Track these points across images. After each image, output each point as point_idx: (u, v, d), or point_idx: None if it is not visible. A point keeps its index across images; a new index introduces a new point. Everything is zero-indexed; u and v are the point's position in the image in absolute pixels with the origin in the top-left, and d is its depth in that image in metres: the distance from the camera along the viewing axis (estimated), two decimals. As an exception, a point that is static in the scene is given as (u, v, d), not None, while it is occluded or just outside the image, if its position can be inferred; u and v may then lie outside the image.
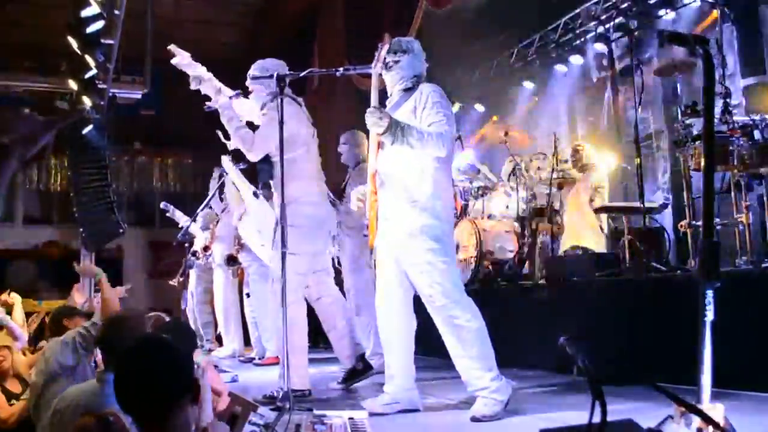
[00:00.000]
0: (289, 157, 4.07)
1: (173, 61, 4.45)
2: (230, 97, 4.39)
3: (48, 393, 3.21)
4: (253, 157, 4.24)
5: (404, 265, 3.50)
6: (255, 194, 4.46)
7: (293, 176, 4.17)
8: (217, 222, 7.39)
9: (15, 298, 5.27)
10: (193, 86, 4.45)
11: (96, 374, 2.82)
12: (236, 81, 4.54)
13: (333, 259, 5.17)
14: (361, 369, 4.51)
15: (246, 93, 4.47)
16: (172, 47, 4.45)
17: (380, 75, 3.61)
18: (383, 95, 3.67)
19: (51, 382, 3.27)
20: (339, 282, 5.03)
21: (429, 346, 4.25)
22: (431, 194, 3.45)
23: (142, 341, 2.14)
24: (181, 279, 7.94)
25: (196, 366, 2.16)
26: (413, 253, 3.44)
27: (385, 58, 3.60)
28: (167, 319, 3.37)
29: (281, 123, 3.80)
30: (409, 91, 3.63)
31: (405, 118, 3.46)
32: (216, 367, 5.87)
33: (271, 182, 4.42)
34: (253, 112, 4.50)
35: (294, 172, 4.19)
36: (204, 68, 4.46)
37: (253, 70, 4.41)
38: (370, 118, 3.31)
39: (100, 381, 2.77)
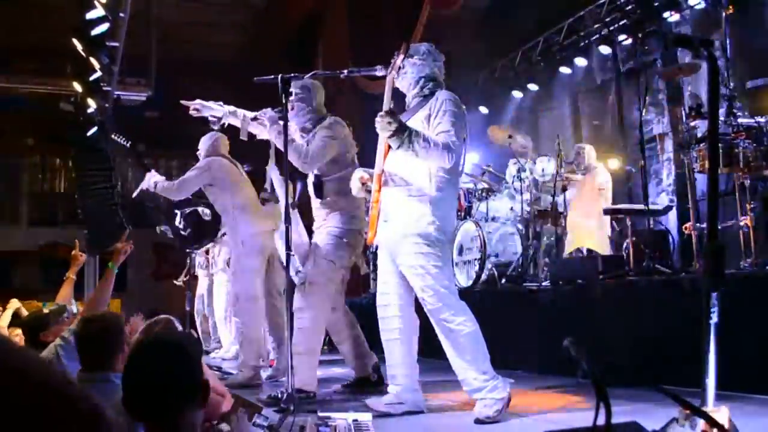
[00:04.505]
0: (342, 174, 4.29)
1: (192, 113, 4.72)
2: (252, 118, 4.56)
3: None
4: (307, 169, 4.35)
5: (400, 267, 3.51)
6: (292, 205, 4.53)
7: (345, 191, 4.21)
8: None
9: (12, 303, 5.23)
10: (214, 126, 4.73)
11: (77, 375, 2.79)
12: (239, 83, 4.57)
13: None
14: (375, 381, 4.49)
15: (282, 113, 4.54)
16: (183, 102, 4.73)
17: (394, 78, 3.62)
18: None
19: None
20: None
21: (432, 348, 4.25)
22: (435, 200, 3.45)
23: (153, 342, 2.14)
24: (185, 278, 7.97)
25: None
26: (407, 256, 3.45)
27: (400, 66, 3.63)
28: (179, 326, 3.34)
29: (285, 125, 3.84)
30: (427, 97, 3.61)
31: (418, 125, 3.46)
32: (219, 369, 5.89)
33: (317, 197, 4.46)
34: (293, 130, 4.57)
35: (345, 188, 4.23)
36: (216, 104, 4.67)
37: (293, 88, 4.48)
38: (380, 122, 3.31)
39: (81, 381, 2.65)
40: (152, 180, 5.35)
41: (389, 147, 3.52)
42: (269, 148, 4.64)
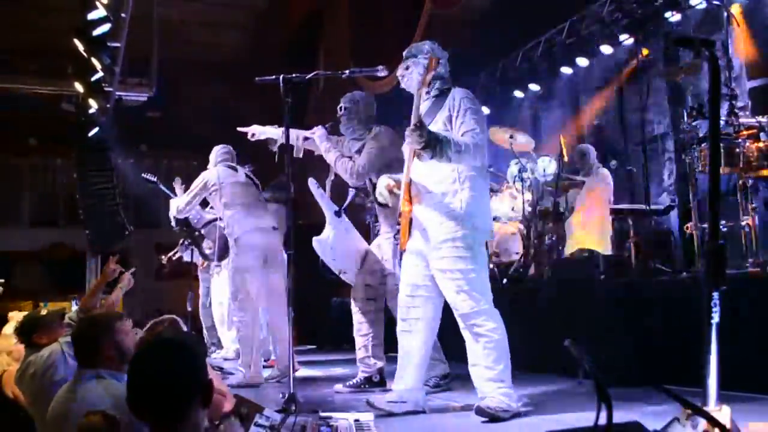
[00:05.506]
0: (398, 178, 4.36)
1: (250, 137, 4.98)
2: (304, 138, 4.76)
3: (41, 409, 3.19)
4: (355, 183, 4.53)
5: (433, 270, 3.48)
6: (337, 213, 4.57)
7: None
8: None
9: None
10: (273, 148, 4.90)
11: (76, 370, 2.86)
12: (241, 83, 4.62)
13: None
14: (377, 381, 4.53)
15: (334, 127, 4.74)
16: (240, 129, 4.97)
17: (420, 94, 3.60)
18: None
19: (42, 400, 3.23)
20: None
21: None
22: (468, 202, 3.43)
23: (158, 341, 2.14)
24: (173, 258, 8.01)
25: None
26: (442, 260, 3.41)
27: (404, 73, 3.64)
28: (183, 327, 3.39)
29: (287, 127, 3.87)
30: (439, 97, 3.60)
31: (440, 128, 3.45)
32: (221, 369, 5.90)
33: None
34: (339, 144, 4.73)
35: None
36: (273, 128, 4.89)
37: (342, 102, 4.67)
38: (411, 136, 3.29)
39: (78, 380, 2.78)
40: (175, 205, 5.72)
41: (415, 153, 3.51)
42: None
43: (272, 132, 4.84)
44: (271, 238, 5.46)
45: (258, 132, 4.91)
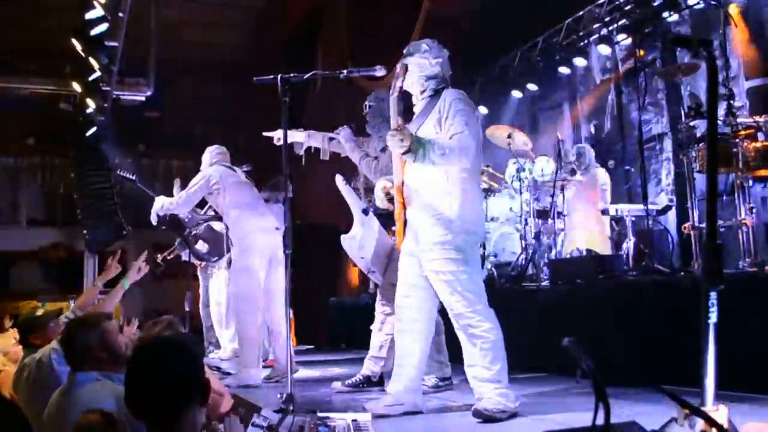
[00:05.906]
0: None
1: (276, 142, 4.80)
2: (329, 138, 4.75)
3: (34, 410, 3.19)
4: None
5: (426, 271, 3.48)
6: (365, 211, 4.57)
7: None
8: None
9: None
10: (300, 151, 4.86)
11: (68, 375, 2.86)
12: (239, 83, 4.61)
13: None
14: (376, 381, 4.54)
15: (360, 126, 4.76)
16: (266, 134, 4.83)
17: (398, 98, 3.59)
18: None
19: (36, 403, 3.24)
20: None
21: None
22: (459, 205, 3.41)
23: (156, 341, 2.15)
24: (169, 257, 8.01)
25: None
26: (434, 262, 3.41)
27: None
28: (181, 329, 3.39)
29: (285, 127, 3.85)
30: (434, 97, 3.57)
31: (430, 130, 3.43)
32: (218, 369, 5.89)
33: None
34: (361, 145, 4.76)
35: None
36: (298, 132, 4.83)
37: (368, 101, 4.70)
38: (392, 140, 3.25)
39: (71, 383, 2.78)
40: (160, 203, 5.54)
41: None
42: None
43: (298, 136, 4.81)
44: (275, 238, 5.45)
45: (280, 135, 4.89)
